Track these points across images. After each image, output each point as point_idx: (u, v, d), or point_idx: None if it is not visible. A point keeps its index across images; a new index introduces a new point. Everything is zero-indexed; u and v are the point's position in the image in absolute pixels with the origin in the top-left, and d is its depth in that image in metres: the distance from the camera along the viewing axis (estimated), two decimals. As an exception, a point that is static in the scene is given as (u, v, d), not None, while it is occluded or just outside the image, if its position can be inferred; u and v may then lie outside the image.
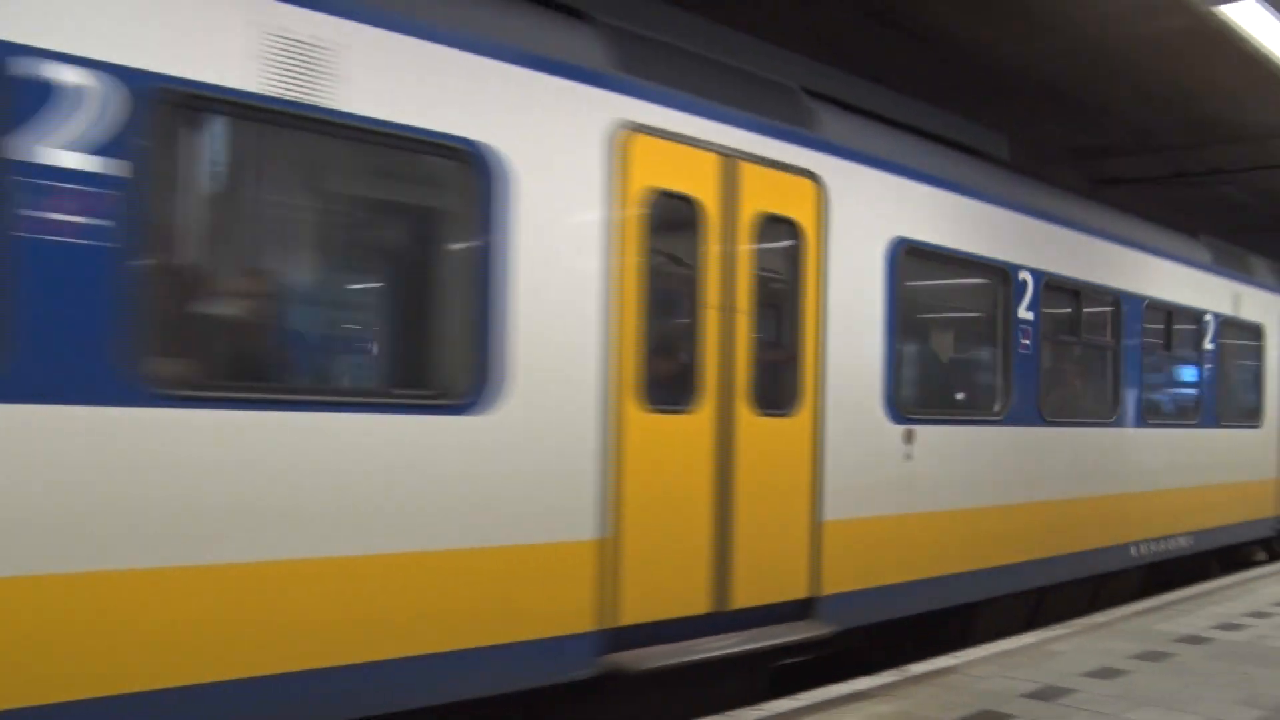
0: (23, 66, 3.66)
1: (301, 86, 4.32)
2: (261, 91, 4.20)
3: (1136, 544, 9.87)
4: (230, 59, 4.13)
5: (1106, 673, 6.55)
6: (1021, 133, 13.91)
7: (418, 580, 4.62)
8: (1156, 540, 10.16)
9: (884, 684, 6.21)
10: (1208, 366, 11.33)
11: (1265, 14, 8.02)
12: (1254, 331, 12.45)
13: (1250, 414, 12.48)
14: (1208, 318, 11.26)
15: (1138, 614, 8.44)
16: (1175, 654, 7.10)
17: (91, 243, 3.81)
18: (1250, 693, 6.18)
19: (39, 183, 3.69)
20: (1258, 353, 12.52)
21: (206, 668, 4.04)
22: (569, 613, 5.17)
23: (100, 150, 3.81)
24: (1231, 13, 8.07)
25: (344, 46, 4.44)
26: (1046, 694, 6.05)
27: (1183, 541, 10.67)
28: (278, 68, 4.25)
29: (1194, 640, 7.54)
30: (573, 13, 5.62)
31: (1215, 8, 7.93)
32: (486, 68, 4.91)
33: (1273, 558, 13.44)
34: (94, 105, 3.80)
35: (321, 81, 4.38)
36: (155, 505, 3.93)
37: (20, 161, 3.65)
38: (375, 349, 5.58)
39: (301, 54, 4.32)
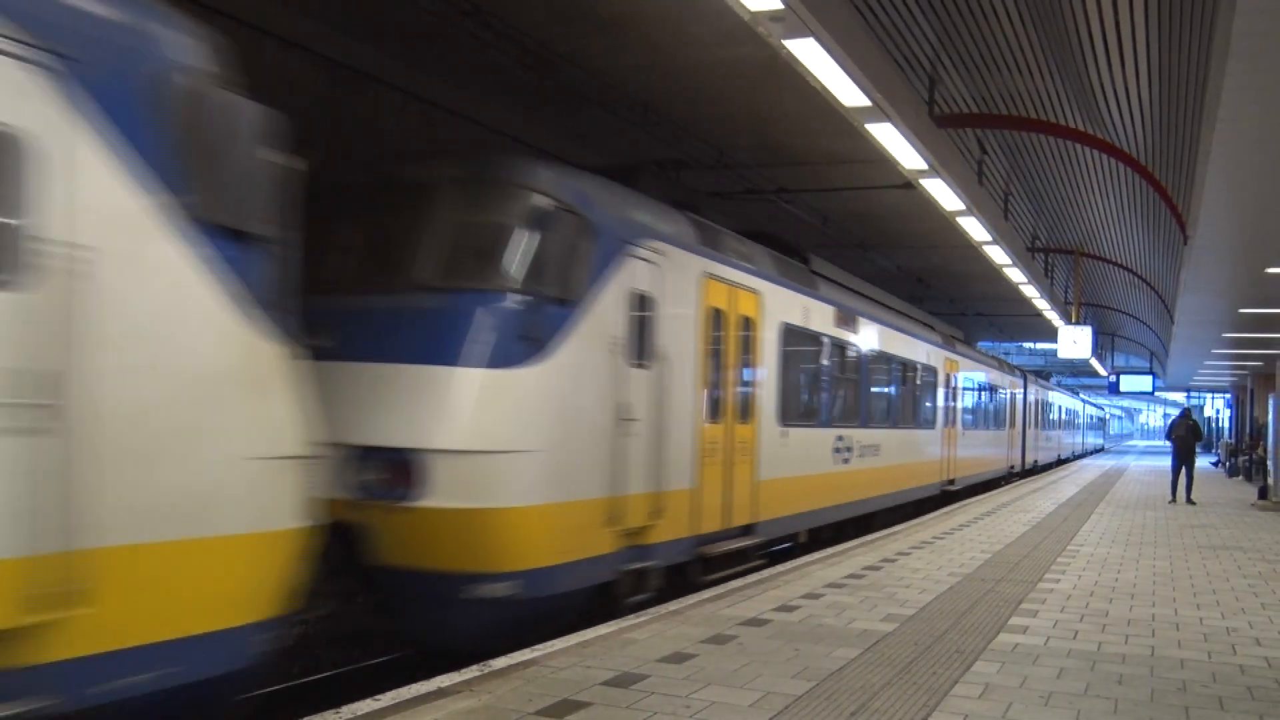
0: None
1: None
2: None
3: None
4: None
5: (678, 657, 6.85)
6: (608, 142, 14.43)
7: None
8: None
9: (465, 680, 6.10)
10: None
11: (822, 52, 8.74)
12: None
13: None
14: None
15: (706, 601, 8.92)
16: (739, 636, 7.56)
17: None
18: (802, 666, 6.70)
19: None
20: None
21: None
22: None
23: None
24: (794, 48, 8.70)
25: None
26: (623, 680, 6.23)
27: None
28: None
29: (756, 623, 8.07)
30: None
31: (783, 41, 8.56)
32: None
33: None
34: None
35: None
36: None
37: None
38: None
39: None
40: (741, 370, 11.07)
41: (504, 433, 7.32)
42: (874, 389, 16.31)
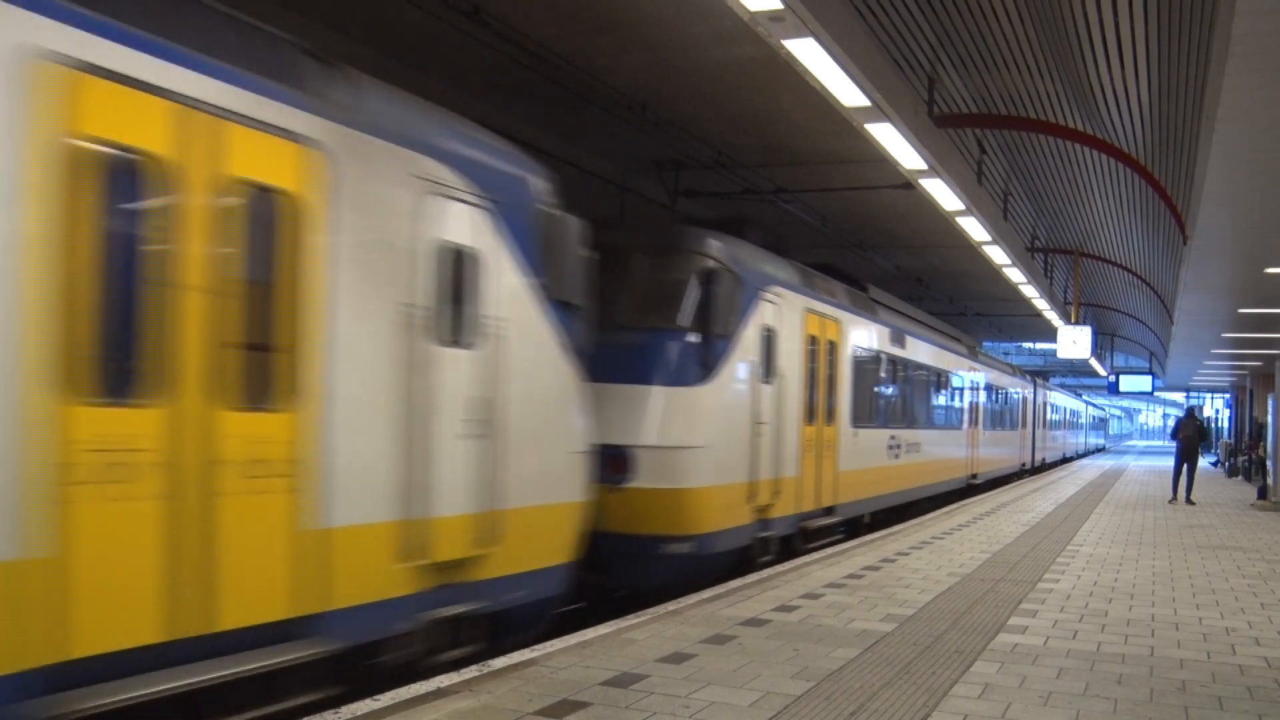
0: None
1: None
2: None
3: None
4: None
5: (677, 657, 6.86)
6: (609, 143, 14.41)
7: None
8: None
9: (465, 679, 6.11)
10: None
11: (821, 52, 8.73)
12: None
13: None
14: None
15: (706, 601, 8.93)
16: (738, 636, 7.57)
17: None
18: (802, 666, 6.71)
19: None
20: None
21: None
22: None
23: None
24: (794, 48, 8.69)
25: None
26: (622, 680, 6.24)
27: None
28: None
29: (755, 623, 8.09)
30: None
31: (782, 41, 8.54)
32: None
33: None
34: None
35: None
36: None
37: None
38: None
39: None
40: (828, 383, 13.84)
41: (688, 433, 10.04)
42: (915, 395, 19.29)
